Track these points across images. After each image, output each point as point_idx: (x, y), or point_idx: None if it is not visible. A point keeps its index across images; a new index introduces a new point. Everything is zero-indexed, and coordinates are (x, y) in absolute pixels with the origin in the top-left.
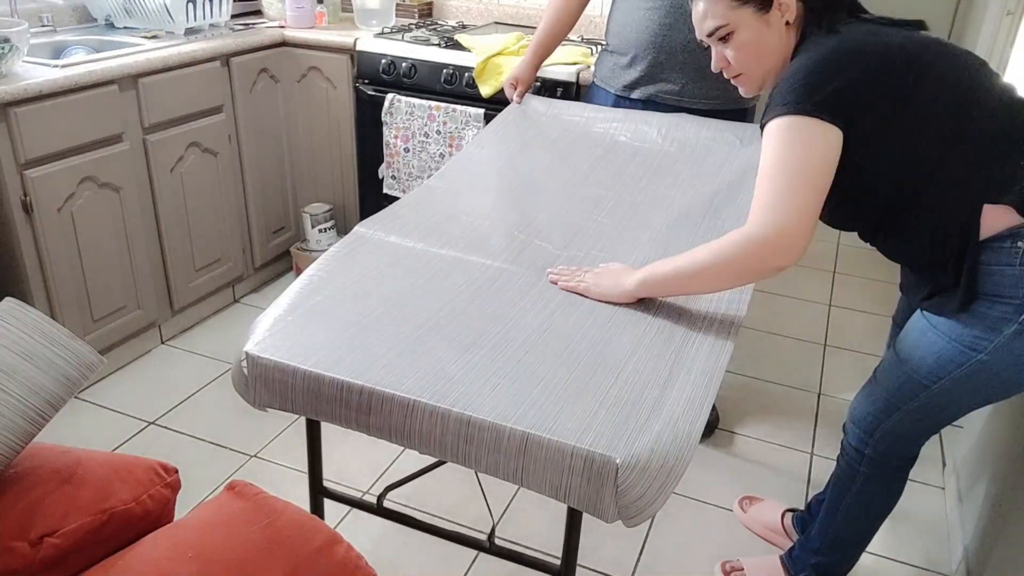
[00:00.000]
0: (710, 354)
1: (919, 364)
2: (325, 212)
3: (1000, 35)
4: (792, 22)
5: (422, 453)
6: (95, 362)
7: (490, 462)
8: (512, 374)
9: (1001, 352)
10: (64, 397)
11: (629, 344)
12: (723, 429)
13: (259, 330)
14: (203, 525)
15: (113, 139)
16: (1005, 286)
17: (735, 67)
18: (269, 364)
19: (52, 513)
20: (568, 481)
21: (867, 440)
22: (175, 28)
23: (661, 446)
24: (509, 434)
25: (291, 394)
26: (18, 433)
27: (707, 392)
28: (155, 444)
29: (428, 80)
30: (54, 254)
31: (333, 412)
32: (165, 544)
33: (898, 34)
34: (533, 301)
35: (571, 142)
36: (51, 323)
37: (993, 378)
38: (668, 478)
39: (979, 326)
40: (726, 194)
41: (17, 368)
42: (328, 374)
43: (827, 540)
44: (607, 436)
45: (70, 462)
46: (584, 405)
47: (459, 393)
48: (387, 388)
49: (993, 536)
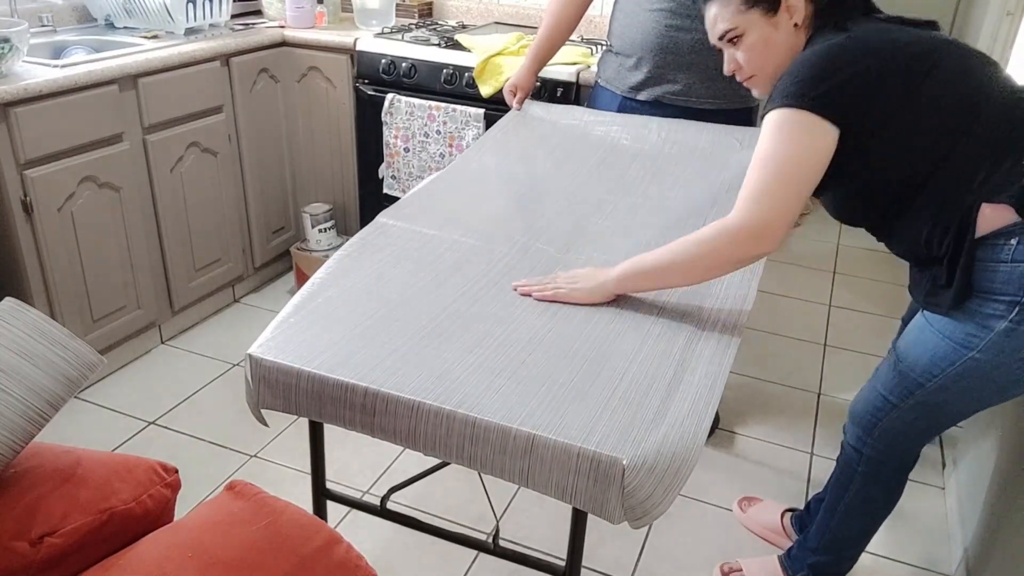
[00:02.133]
0: (714, 355)
1: (915, 362)
2: (325, 212)
3: (1000, 35)
4: (801, 24)
5: (427, 455)
6: (95, 362)
7: (496, 463)
8: (517, 375)
9: (993, 350)
10: (64, 397)
11: (633, 345)
12: (723, 429)
13: (265, 332)
14: (203, 525)
15: (113, 139)
16: (997, 283)
17: (746, 69)
18: (272, 366)
19: (52, 513)
20: (574, 482)
21: (865, 439)
22: (175, 28)
23: (668, 447)
24: (515, 435)
25: (294, 396)
26: (18, 433)
27: (712, 394)
28: (155, 444)
29: (428, 80)
30: (54, 254)
31: (337, 414)
32: (165, 544)
33: (908, 33)
34: (535, 303)
35: (571, 147)
36: (51, 323)
37: (985, 378)
38: (675, 479)
39: (971, 323)
40: (726, 197)
41: (17, 368)
42: (332, 376)
43: (825, 540)
44: (613, 437)
45: (70, 462)
46: (589, 406)
47: (464, 394)
48: (391, 390)
49: (993, 536)
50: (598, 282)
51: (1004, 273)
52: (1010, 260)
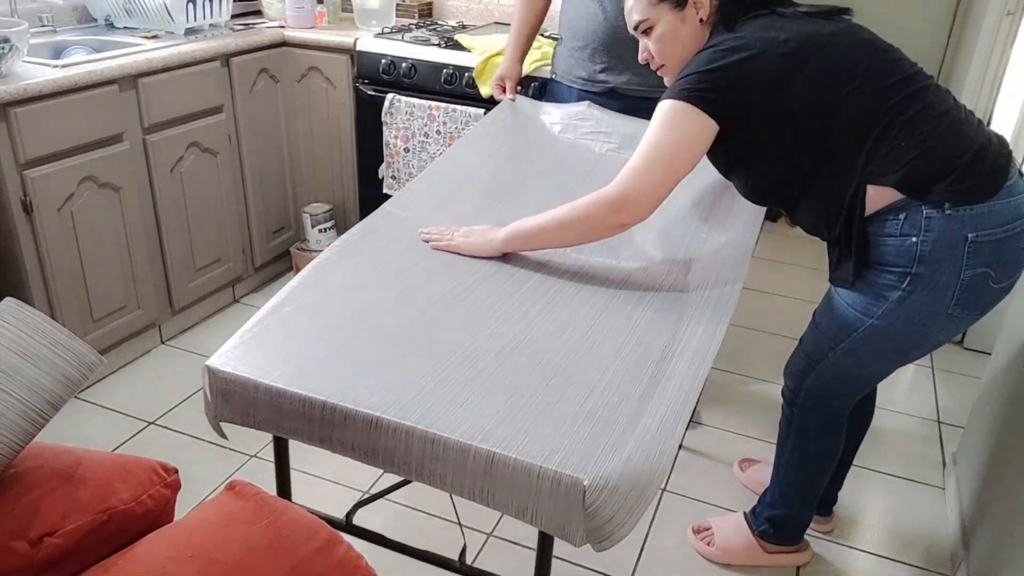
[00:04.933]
0: (689, 367)
1: (827, 328)
2: (325, 212)
3: (1000, 35)
4: (706, 19)
5: (387, 471)
6: (95, 362)
7: (456, 482)
8: (483, 388)
9: (889, 316)
10: (64, 397)
11: (607, 355)
12: (723, 429)
13: (228, 342)
14: (203, 525)
15: (113, 139)
16: (889, 256)
17: (657, 58)
18: (230, 378)
19: (52, 513)
20: (535, 503)
21: (796, 393)
22: (175, 28)
23: (632, 467)
24: (474, 453)
25: (253, 410)
26: (18, 433)
27: (683, 408)
28: (155, 444)
29: (428, 80)
30: (54, 254)
31: (296, 428)
32: (165, 544)
33: (794, 27)
34: (511, 310)
35: (558, 150)
36: (51, 323)
37: (886, 341)
38: (639, 501)
39: (870, 293)
40: (711, 199)
41: (17, 368)
42: (290, 389)
43: (775, 495)
44: (577, 455)
45: (70, 462)
46: (555, 421)
47: (426, 408)
48: (350, 404)
49: (993, 536)
50: (487, 239)
51: (894, 246)
52: (899, 234)
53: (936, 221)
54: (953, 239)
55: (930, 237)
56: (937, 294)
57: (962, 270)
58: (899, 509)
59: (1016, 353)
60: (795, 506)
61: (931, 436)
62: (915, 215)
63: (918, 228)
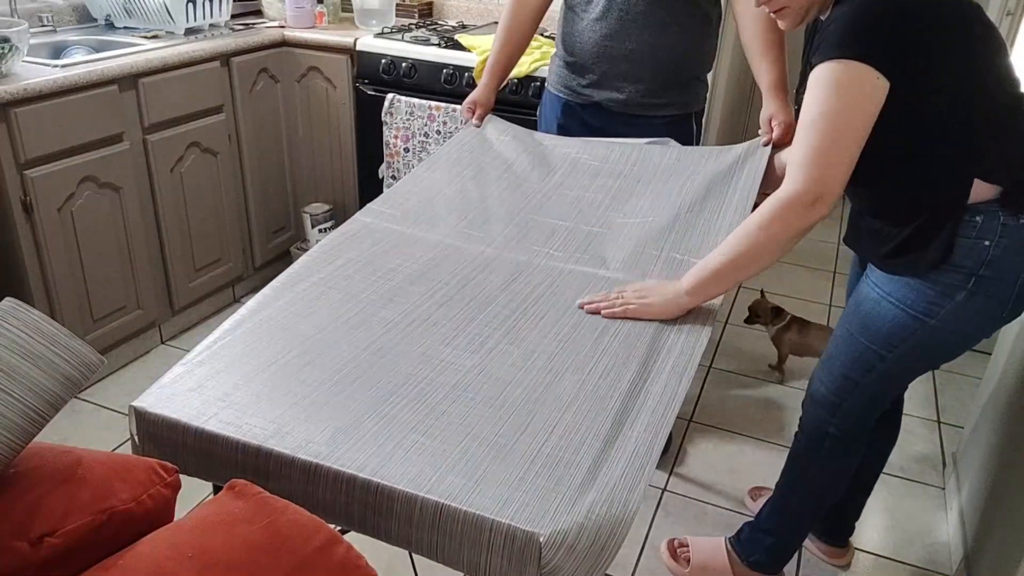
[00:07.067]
0: (658, 404)
1: (874, 335)
2: (325, 212)
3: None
4: None
5: (328, 523)
6: (95, 362)
7: (403, 535)
8: (433, 429)
9: (950, 318)
10: (64, 397)
11: (571, 389)
12: (723, 429)
13: (163, 377)
14: (203, 525)
15: (113, 139)
16: (959, 255)
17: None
18: (157, 420)
19: (52, 513)
20: (487, 559)
21: (830, 420)
22: (175, 28)
23: (593, 520)
24: (421, 504)
25: (182, 455)
26: (18, 433)
27: (650, 450)
28: None
29: (428, 80)
30: (54, 254)
31: (228, 476)
32: (165, 544)
33: None
34: (470, 339)
35: (527, 168)
36: (51, 323)
37: (940, 344)
38: (600, 556)
39: (932, 293)
40: (686, 218)
41: (17, 368)
42: (221, 433)
43: (784, 521)
44: (532, 507)
45: (70, 462)
46: (510, 467)
47: (369, 454)
48: (286, 449)
49: (993, 536)
50: (670, 295)
51: (965, 246)
52: (974, 236)
53: (1012, 229)
54: (1021, 247)
55: (1003, 243)
56: (997, 299)
57: (1019, 277)
58: (899, 509)
59: (1016, 353)
60: (803, 531)
61: (931, 436)
62: (992, 219)
63: (994, 232)
